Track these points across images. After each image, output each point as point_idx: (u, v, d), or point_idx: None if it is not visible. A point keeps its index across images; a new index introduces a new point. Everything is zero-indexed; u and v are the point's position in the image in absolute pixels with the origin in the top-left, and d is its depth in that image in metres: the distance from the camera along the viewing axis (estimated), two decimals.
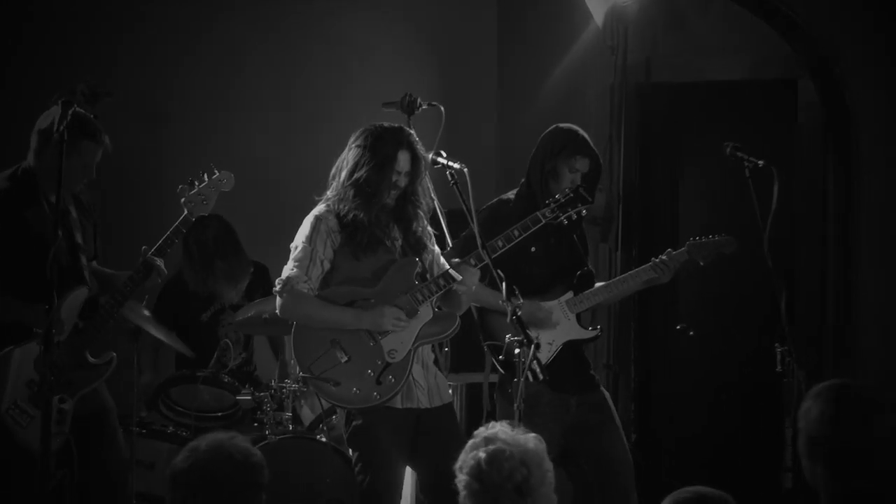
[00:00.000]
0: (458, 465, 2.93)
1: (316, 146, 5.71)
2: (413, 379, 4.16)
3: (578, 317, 4.83)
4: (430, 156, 4.15)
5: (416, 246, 4.22)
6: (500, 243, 4.26)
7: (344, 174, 4.13)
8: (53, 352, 3.80)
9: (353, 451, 4.24)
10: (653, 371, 6.62)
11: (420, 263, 4.20)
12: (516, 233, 4.31)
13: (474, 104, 6.86)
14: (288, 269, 4.14)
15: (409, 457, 4.24)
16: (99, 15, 6.02)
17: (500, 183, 5.94)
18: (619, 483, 4.72)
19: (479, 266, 4.12)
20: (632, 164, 6.47)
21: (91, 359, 4.50)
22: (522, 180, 4.82)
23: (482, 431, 2.95)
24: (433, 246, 4.31)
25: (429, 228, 4.27)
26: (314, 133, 6.36)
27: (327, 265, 4.14)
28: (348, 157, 4.15)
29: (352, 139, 4.19)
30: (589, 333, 4.82)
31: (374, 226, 4.12)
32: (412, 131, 4.22)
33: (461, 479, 2.92)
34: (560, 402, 4.69)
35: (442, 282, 4.12)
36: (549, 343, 4.70)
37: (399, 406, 4.15)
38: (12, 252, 4.37)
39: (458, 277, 4.07)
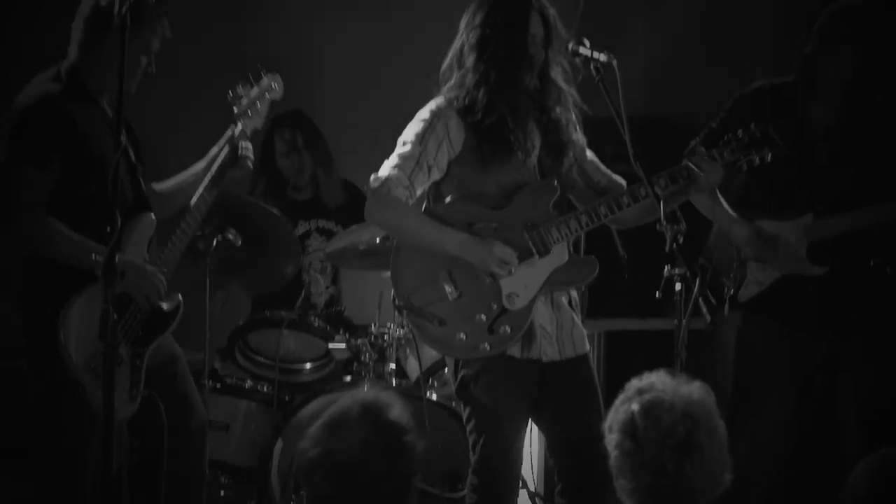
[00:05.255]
0: (606, 424, 2.75)
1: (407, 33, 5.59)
2: (539, 326, 3.82)
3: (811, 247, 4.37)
4: (570, 45, 3.74)
5: (556, 148, 3.85)
6: (662, 183, 3.80)
7: (470, 59, 3.77)
8: (116, 286, 3.25)
9: (463, 406, 3.91)
10: None
11: (558, 188, 3.82)
12: (662, 181, 3.86)
13: None
14: (388, 167, 3.77)
15: (534, 414, 3.95)
16: None
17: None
18: None
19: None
20: None
21: (160, 303, 4.07)
22: None
23: (635, 383, 2.77)
24: (578, 137, 3.90)
25: (573, 115, 3.87)
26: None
27: (436, 174, 3.80)
28: (468, 39, 3.79)
29: (467, 17, 3.82)
30: (817, 270, 4.34)
31: (514, 118, 3.76)
32: None
33: (611, 438, 2.73)
34: (800, 346, 4.36)
35: (602, 210, 3.75)
36: (761, 269, 4.37)
37: (518, 356, 3.82)
38: (68, 171, 3.91)
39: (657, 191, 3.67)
